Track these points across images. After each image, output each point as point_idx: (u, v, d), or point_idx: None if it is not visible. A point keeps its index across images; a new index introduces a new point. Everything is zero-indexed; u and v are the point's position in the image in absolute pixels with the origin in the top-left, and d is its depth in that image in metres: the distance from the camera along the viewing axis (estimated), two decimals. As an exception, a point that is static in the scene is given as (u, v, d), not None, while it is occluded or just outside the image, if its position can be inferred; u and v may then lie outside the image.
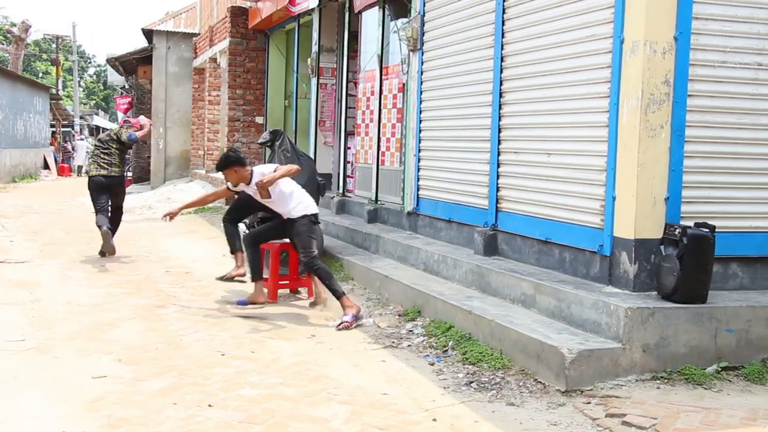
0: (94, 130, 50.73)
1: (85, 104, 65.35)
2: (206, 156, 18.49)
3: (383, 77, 9.87)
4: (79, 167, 34.74)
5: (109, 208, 9.69)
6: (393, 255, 8.21)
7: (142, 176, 23.27)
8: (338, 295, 6.53)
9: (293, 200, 6.83)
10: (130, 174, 23.27)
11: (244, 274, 7.14)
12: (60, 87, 42.48)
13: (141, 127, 10.27)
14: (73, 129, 39.91)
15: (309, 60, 12.28)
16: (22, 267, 8.84)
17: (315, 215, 6.94)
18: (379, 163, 9.85)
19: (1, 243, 10.55)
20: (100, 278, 8.32)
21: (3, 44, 50.35)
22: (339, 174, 11.44)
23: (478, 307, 5.78)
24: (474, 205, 7.34)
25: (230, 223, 7.40)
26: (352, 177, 11.35)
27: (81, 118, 43.70)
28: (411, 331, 6.12)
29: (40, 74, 62.88)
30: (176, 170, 20.74)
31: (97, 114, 56.92)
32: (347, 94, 11.44)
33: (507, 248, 6.79)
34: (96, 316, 6.53)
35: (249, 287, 7.20)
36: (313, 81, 12.27)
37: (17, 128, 27.25)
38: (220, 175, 16.59)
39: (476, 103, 7.32)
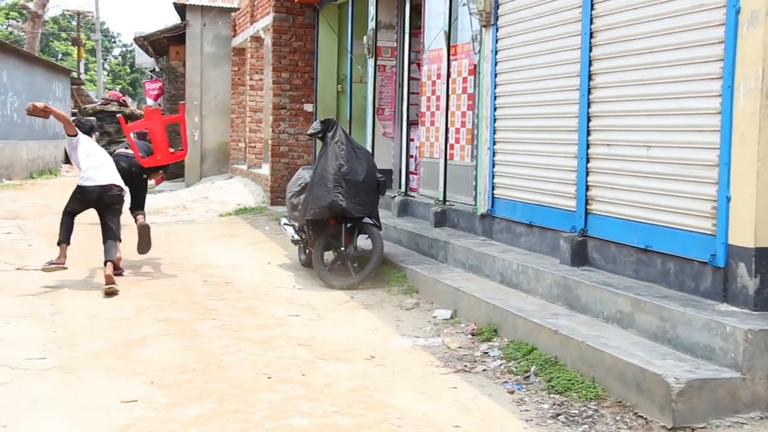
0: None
1: (109, 89, 66.75)
2: (248, 149, 18.71)
3: (451, 57, 9.86)
4: None
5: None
6: (464, 264, 8.20)
7: (176, 172, 23.59)
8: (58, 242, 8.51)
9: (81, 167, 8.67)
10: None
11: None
12: (82, 70, 43.45)
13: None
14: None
15: (365, 38, 12.32)
16: (42, 275, 9.04)
17: (78, 186, 8.72)
18: (447, 158, 9.83)
19: (19, 247, 10.84)
20: (128, 288, 8.48)
21: (18, 21, 51.77)
22: (401, 170, 11.45)
23: (565, 326, 5.73)
24: (559, 206, 7.28)
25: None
26: (415, 173, 11.36)
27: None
28: (486, 353, 6.10)
29: (60, 56, 64.48)
30: (214, 165, 21.01)
31: (123, 101, 58.00)
32: (409, 78, 11.44)
33: (598, 257, 6.72)
34: (125, 332, 6.67)
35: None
36: (370, 62, 12.31)
37: (35, 117, 27.94)
38: (263, 171, 16.80)
39: (560, 87, 7.27)
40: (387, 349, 6.33)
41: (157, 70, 30.59)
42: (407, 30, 11.35)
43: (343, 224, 8.78)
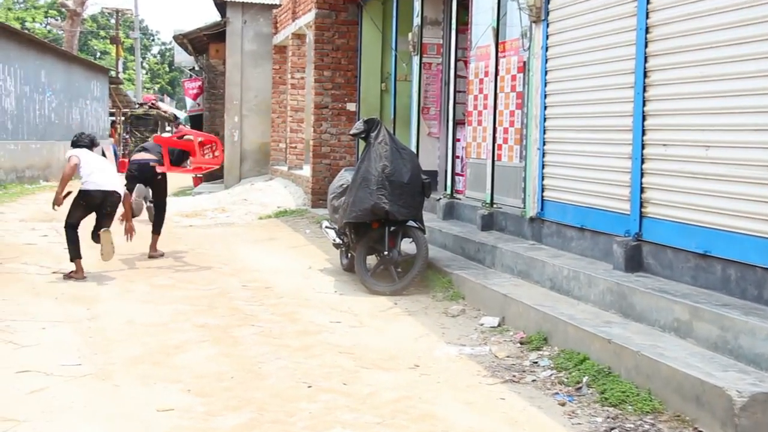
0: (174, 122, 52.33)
1: (148, 89, 67.53)
2: (288, 150, 18.79)
3: (499, 54, 9.80)
4: None
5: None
6: (512, 269, 8.14)
7: (214, 173, 23.77)
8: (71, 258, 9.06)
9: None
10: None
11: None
12: (120, 69, 43.98)
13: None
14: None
15: (410, 35, 12.31)
16: (78, 279, 9.15)
17: (80, 191, 9.26)
18: (495, 159, 9.78)
19: (55, 251, 10.97)
20: (166, 293, 8.54)
21: (56, 20, 52.60)
22: (446, 171, 11.42)
23: (619, 335, 5.67)
24: (612, 209, 7.21)
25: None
26: (461, 175, 11.31)
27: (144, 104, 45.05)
28: (536, 362, 6.05)
29: (98, 54, 65.38)
30: (254, 166, 21.15)
31: (162, 100, 58.61)
32: (456, 76, 11.41)
33: (654, 263, 6.63)
34: (161, 338, 6.71)
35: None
36: (415, 60, 12.29)
37: (72, 117, 28.39)
38: (304, 172, 16.86)
39: (614, 85, 7.20)
40: (432, 358, 6.29)
41: (197, 68, 30.86)
42: (454, 26, 11.30)
43: (386, 227, 8.76)
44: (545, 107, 8.39)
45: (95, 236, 9.51)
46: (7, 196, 18.42)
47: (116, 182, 9.52)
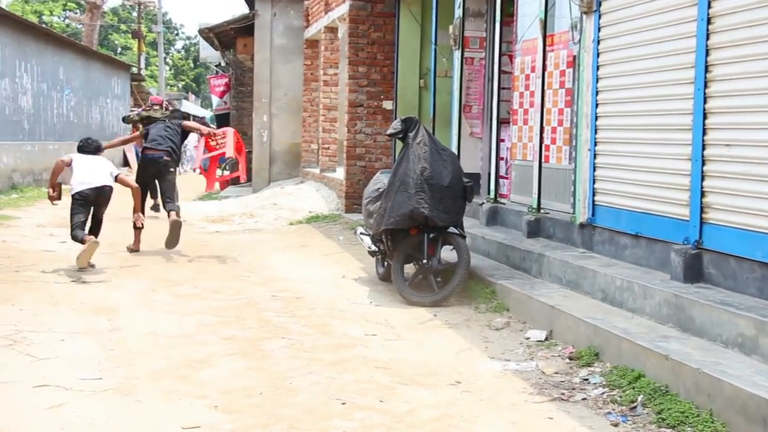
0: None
1: (172, 86, 68.14)
2: (321, 151, 18.85)
3: (547, 48, 9.77)
4: None
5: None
6: (561, 279, 8.12)
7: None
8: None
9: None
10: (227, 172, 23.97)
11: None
12: (142, 65, 44.39)
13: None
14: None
15: (451, 27, 12.30)
16: (98, 288, 9.27)
17: (72, 196, 10.27)
18: (542, 160, 9.75)
19: (74, 258, 11.08)
20: (191, 303, 8.61)
21: (75, 13, 53.23)
22: (490, 174, 11.39)
23: (677, 351, 5.63)
24: (670, 214, 7.17)
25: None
26: (506, 178, 11.29)
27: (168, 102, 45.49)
28: (586, 379, 6.03)
29: (119, 49, 66.07)
30: (284, 168, 21.23)
31: (186, 98, 59.05)
32: (500, 71, 11.37)
33: (716, 273, 6.58)
34: (186, 351, 6.76)
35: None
36: (457, 54, 12.29)
37: (92, 116, 28.70)
38: (337, 175, 16.90)
39: (672, 81, 7.16)
40: (474, 374, 6.28)
41: (223, 64, 31.01)
42: (498, 18, 11.28)
43: (425, 234, 8.76)
44: (597, 105, 8.36)
45: (91, 222, 10.57)
46: (23, 200, 18.64)
47: (105, 178, 10.46)
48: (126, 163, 31.74)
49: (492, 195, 11.17)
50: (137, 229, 11.64)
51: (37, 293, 8.84)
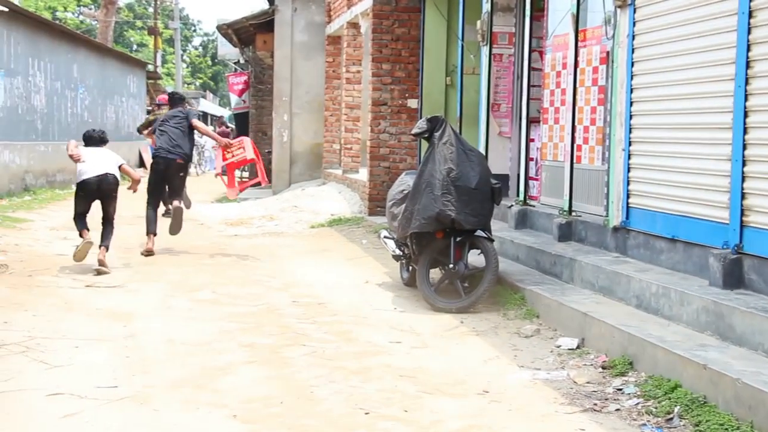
0: (201, 118, 52.91)
1: (189, 84, 68.43)
2: (343, 151, 18.86)
3: (579, 44, 9.75)
4: None
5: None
6: (593, 285, 8.09)
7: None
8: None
9: None
10: (246, 174, 24.07)
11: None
12: (158, 62, 44.58)
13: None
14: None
15: (478, 23, 12.30)
16: (114, 293, 9.32)
17: (77, 185, 10.81)
18: (574, 161, 9.73)
19: (88, 262, 11.15)
20: (209, 309, 8.64)
21: (90, 9, 53.57)
22: (519, 175, 11.38)
23: (716, 360, 5.60)
24: (708, 218, 7.14)
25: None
26: (536, 179, 11.26)
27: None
28: (620, 389, 6.01)
29: (134, 47, 66.43)
30: (305, 170, 21.26)
31: (204, 96, 59.35)
32: (530, 68, 11.35)
33: (757, 279, 6.54)
34: (205, 359, 6.78)
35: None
36: (484, 51, 12.28)
37: (107, 115, 28.87)
38: (360, 176, 16.92)
39: (711, 77, 7.13)
40: (503, 383, 6.27)
41: (242, 61, 31.13)
42: (528, 13, 11.27)
43: (452, 238, 8.75)
44: (631, 103, 8.33)
45: (102, 220, 10.89)
46: (36, 202, 18.78)
47: (109, 166, 10.83)
48: (142, 163, 31.90)
49: (521, 197, 11.15)
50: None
51: (51, 298, 8.91)
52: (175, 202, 12.24)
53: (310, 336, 7.58)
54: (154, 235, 12.00)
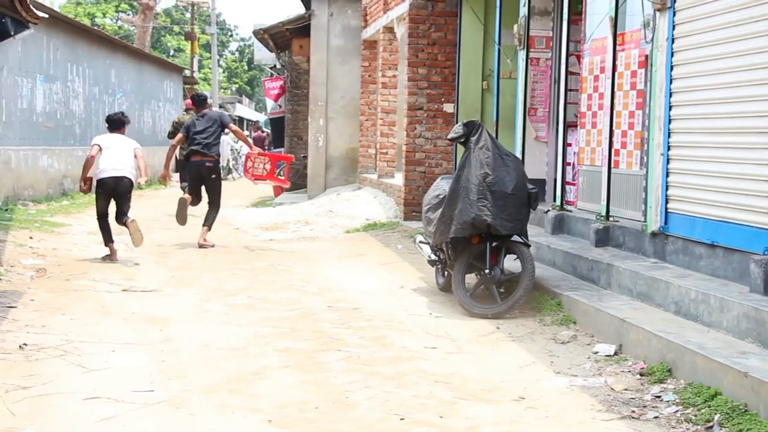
0: (236, 123, 53.22)
1: (225, 89, 68.84)
2: (379, 156, 18.88)
3: (617, 48, 9.69)
4: (225, 169, 36.34)
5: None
6: (631, 291, 8.05)
7: (297, 182, 24.03)
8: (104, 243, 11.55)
9: None
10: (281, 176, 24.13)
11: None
12: (195, 67, 44.89)
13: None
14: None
15: (515, 27, 12.27)
16: (150, 297, 9.38)
17: (96, 182, 11.63)
18: (612, 165, 9.67)
19: (125, 266, 11.25)
20: (245, 314, 8.67)
21: (128, 14, 54.04)
22: (556, 180, 11.33)
23: (757, 368, 5.55)
24: (749, 223, 7.08)
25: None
26: (573, 184, 11.22)
27: (221, 106, 46.02)
28: (658, 397, 5.97)
29: (171, 52, 66.91)
30: (340, 174, 21.30)
31: (240, 101, 59.71)
32: (567, 72, 11.30)
33: (798, 285, 6.48)
34: (240, 363, 6.81)
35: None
36: (521, 55, 12.24)
37: (144, 120, 29.09)
38: (395, 181, 16.93)
39: (753, 81, 7.07)
40: (539, 389, 6.25)
41: (278, 66, 31.25)
42: (565, 16, 11.22)
43: (488, 243, 8.73)
44: (670, 107, 8.27)
45: (120, 221, 11.66)
46: (74, 206, 18.93)
47: (127, 167, 11.64)
48: (178, 168, 32.08)
49: (558, 202, 11.10)
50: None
51: (88, 302, 8.98)
52: (205, 229, 13.15)
53: (345, 341, 7.59)
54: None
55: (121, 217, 11.66)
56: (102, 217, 11.66)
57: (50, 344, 7.13)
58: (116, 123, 12.34)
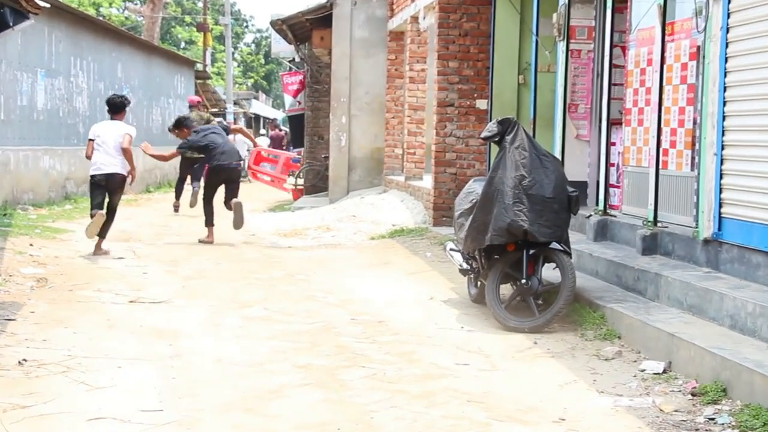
0: (252, 121, 53.42)
1: (240, 84, 69.10)
2: (406, 156, 18.87)
3: (666, 38, 9.67)
4: None
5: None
6: (681, 303, 8.01)
7: (317, 184, 24.06)
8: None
9: None
10: (300, 181, 24.21)
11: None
12: (208, 61, 45.03)
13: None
14: (224, 119, 41.89)
15: (554, 16, 12.25)
16: (159, 309, 9.41)
17: (91, 174, 12.98)
18: (660, 166, 9.64)
19: (133, 276, 11.30)
20: (261, 327, 8.69)
21: (136, 4, 54.35)
22: (598, 182, 11.31)
23: (819, 388, 5.50)
24: (810, 229, 7.02)
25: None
26: (617, 186, 11.18)
27: (235, 103, 46.16)
28: (712, 419, 5.94)
29: (182, 44, 67.23)
30: (364, 176, 21.27)
31: (256, 97, 59.84)
32: (611, 65, 11.28)
33: None
34: (256, 380, 6.82)
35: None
36: (561, 46, 12.22)
37: (153, 118, 29.21)
38: (424, 183, 16.93)
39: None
40: (581, 410, 6.23)
41: (298, 59, 31.30)
42: (609, 4, 11.21)
43: (524, 250, 8.72)
44: (724, 103, 8.24)
45: (110, 215, 12.97)
46: (77, 211, 19.02)
47: (116, 163, 12.83)
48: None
49: (601, 206, 11.07)
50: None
51: (93, 314, 9.02)
52: (234, 200, 14.49)
53: (370, 357, 7.59)
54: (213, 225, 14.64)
55: (112, 211, 13.00)
56: (98, 207, 12.85)
57: (52, 360, 7.17)
58: (115, 107, 13.53)
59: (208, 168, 15.39)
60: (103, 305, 9.50)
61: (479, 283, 9.55)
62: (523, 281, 8.73)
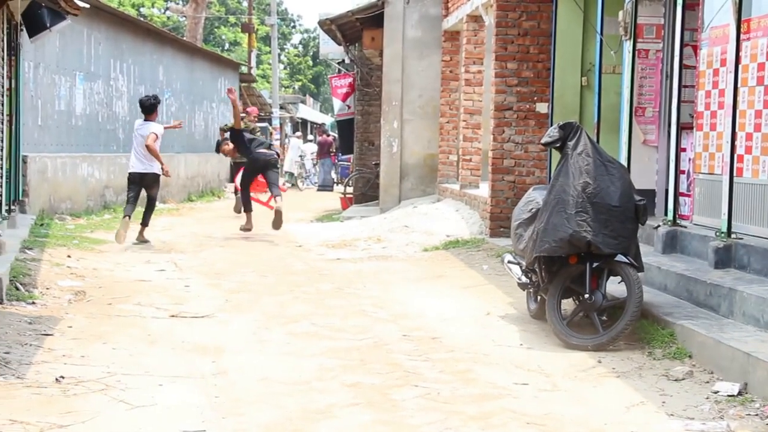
0: (299, 125, 53.66)
1: (286, 87, 69.47)
2: (461, 163, 18.86)
3: (742, 36, 9.58)
4: (290, 175, 36.43)
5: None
6: (758, 320, 7.93)
7: (367, 193, 24.09)
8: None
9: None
10: (350, 190, 24.24)
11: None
12: (253, 63, 45.33)
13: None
14: (270, 124, 42.08)
15: (620, 13, 12.19)
16: (202, 324, 9.47)
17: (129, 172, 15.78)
18: (734, 174, 9.55)
19: (174, 289, 11.38)
20: (308, 343, 8.71)
21: (178, 4, 54.87)
22: (667, 190, 11.23)
23: None
24: None
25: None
26: (687, 195, 11.11)
27: (281, 107, 46.41)
28: (791, 445, 5.85)
29: (227, 45, 67.77)
30: (417, 184, 21.30)
31: (303, 101, 60.10)
32: (681, 66, 11.20)
33: None
34: (303, 400, 6.83)
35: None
36: (627, 46, 12.16)
37: (195, 123, 29.44)
38: (480, 192, 16.90)
39: None
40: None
41: (347, 61, 31.41)
42: (680, 1, 11.14)
43: (587, 263, 8.67)
44: (802, 106, 8.16)
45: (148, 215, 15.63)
46: (116, 221, 19.00)
47: (146, 162, 15.21)
48: (232, 178, 32.42)
49: (670, 216, 11.00)
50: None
51: (132, 330, 9.09)
52: (278, 201, 17.09)
53: (423, 375, 7.57)
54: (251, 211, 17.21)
55: (152, 200, 15.66)
56: (131, 199, 15.44)
57: (90, 377, 7.23)
58: (146, 109, 15.60)
59: (246, 161, 17.97)
60: (144, 320, 9.58)
61: (539, 297, 9.51)
62: (587, 296, 8.68)
